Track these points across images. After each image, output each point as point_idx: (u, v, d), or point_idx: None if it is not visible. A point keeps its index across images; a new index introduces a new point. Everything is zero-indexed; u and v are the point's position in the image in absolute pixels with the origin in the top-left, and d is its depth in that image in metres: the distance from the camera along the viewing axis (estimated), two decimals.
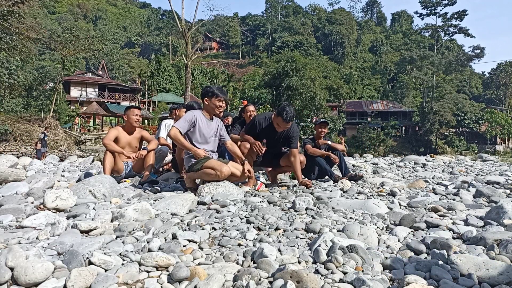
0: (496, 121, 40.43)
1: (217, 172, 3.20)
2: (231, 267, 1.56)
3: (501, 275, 1.38)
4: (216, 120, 3.60)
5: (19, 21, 20.52)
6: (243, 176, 3.51)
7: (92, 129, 31.72)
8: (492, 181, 4.29)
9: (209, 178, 3.29)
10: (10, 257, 1.44)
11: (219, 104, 3.46)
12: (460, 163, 7.38)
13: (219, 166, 3.21)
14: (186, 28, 20.61)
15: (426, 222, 2.22)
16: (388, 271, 1.52)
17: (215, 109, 3.47)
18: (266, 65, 44.39)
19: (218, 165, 3.22)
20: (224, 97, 3.49)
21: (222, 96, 3.46)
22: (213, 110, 3.49)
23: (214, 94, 3.44)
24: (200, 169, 3.30)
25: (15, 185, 3.52)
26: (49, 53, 51.85)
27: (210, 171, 3.22)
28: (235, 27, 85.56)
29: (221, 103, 3.48)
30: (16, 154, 16.50)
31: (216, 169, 3.21)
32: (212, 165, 3.24)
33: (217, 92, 3.44)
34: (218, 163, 3.26)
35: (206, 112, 3.51)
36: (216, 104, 3.44)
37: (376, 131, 40.17)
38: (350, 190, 3.60)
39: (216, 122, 3.58)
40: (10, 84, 19.15)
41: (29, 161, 7.05)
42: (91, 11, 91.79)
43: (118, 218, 2.32)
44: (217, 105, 3.45)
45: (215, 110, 3.48)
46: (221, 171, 3.20)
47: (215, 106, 3.45)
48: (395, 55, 69.89)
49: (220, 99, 3.45)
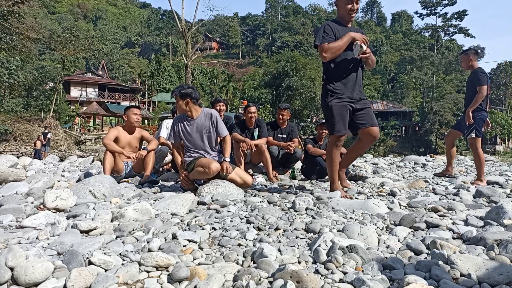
0: (496, 121, 40.39)
1: (206, 169, 3.24)
2: (231, 267, 1.56)
3: (501, 275, 1.38)
4: (202, 116, 3.50)
5: (19, 21, 20.55)
6: (246, 184, 3.49)
7: (92, 129, 31.73)
8: (492, 181, 4.29)
9: (201, 176, 3.34)
10: (10, 257, 1.44)
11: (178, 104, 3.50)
12: (460, 163, 7.38)
13: (207, 163, 3.26)
14: (186, 28, 20.62)
15: (426, 222, 2.22)
16: (388, 271, 1.52)
17: (180, 111, 3.54)
18: (266, 65, 44.36)
19: (206, 162, 3.28)
20: (176, 93, 3.48)
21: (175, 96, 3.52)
22: (180, 111, 3.53)
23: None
24: (192, 169, 3.36)
25: (15, 185, 3.52)
26: (49, 53, 51.81)
27: (200, 169, 3.29)
28: (235, 27, 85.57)
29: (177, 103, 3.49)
30: (16, 154, 16.50)
31: (204, 166, 3.26)
32: (201, 163, 3.30)
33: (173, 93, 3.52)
34: (206, 160, 3.31)
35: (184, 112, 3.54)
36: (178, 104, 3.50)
37: None
38: (350, 190, 3.59)
39: (201, 118, 3.49)
40: (10, 84, 19.16)
41: (29, 161, 7.06)
42: (91, 11, 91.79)
43: (118, 218, 2.32)
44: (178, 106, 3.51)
45: (180, 111, 3.54)
46: (209, 168, 3.23)
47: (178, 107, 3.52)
48: (395, 55, 69.90)
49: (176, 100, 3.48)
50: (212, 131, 3.51)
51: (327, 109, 3.12)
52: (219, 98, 5.47)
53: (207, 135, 3.51)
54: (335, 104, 3.07)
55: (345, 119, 3.09)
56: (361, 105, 3.18)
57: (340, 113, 3.07)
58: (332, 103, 3.08)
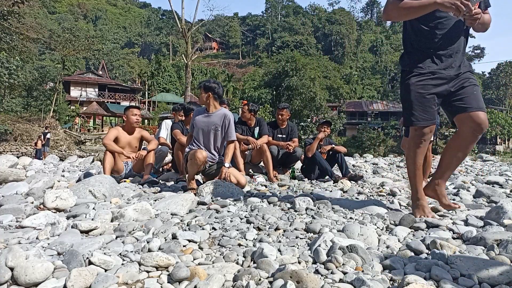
0: (496, 121, 40.38)
1: (194, 160, 3.26)
2: (231, 267, 1.56)
3: (501, 275, 1.38)
4: (218, 113, 3.56)
5: (19, 21, 20.55)
6: (240, 185, 3.49)
7: (92, 129, 31.73)
8: (492, 181, 4.30)
9: (193, 168, 3.34)
10: (10, 257, 1.44)
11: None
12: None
13: (194, 153, 3.28)
14: (186, 28, 20.62)
15: (426, 222, 2.22)
16: (388, 271, 1.52)
17: (200, 102, 3.64)
18: (266, 65, 44.39)
19: (193, 153, 3.30)
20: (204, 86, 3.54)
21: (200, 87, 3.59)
22: (201, 102, 3.63)
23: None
24: (187, 161, 3.40)
25: (15, 185, 3.52)
26: (49, 53, 51.83)
27: (190, 161, 3.32)
28: (235, 27, 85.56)
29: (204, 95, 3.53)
30: (16, 154, 16.49)
31: (191, 157, 3.29)
32: (190, 155, 3.33)
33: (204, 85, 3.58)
34: (194, 151, 3.34)
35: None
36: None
37: (376, 131, 40.14)
38: (350, 190, 3.60)
39: (216, 115, 3.55)
40: (10, 84, 19.16)
41: (29, 161, 7.06)
42: (91, 11, 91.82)
43: (118, 218, 2.32)
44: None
45: (200, 102, 3.64)
46: (195, 157, 3.25)
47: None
48: (395, 55, 69.81)
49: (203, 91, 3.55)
50: (220, 130, 3.53)
51: (404, 91, 2.37)
52: (224, 100, 5.29)
53: (213, 133, 3.53)
54: (413, 84, 2.30)
55: (428, 104, 2.28)
56: (460, 82, 2.31)
57: (421, 97, 2.28)
58: (411, 81, 2.32)
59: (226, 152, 3.54)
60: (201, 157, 3.26)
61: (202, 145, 3.52)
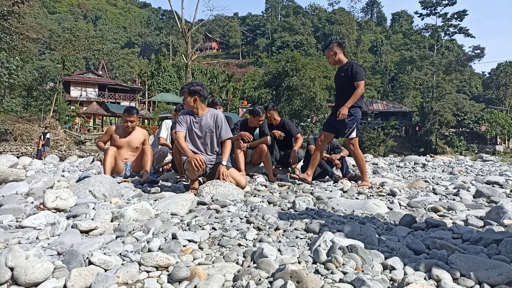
0: (496, 121, 40.40)
1: (191, 169, 3.21)
2: (231, 267, 1.56)
3: (501, 275, 1.38)
4: (208, 115, 3.49)
5: (19, 21, 20.55)
6: (239, 186, 3.45)
7: (92, 129, 31.72)
8: (492, 181, 4.30)
9: (193, 175, 3.30)
10: (10, 257, 1.44)
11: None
12: (460, 163, 7.38)
13: (189, 162, 3.23)
14: (186, 28, 20.63)
15: (426, 222, 2.22)
16: (388, 271, 1.52)
17: (186, 107, 3.56)
18: (266, 65, 44.42)
19: (188, 161, 3.26)
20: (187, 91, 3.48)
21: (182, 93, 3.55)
22: (187, 107, 3.55)
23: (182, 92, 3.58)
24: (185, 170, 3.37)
25: (15, 185, 3.52)
26: (49, 53, 51.79)
27: (187, 170, 3.30)
28: (235, 27, 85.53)
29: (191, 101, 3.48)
30: (16, 154, 16.48)
31: (187, 167, 3.25)
32: (187, 163, 3.28)
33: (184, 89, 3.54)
34: (189, 160, 3.28)
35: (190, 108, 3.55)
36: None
37: (376, 131, 40.15)
38: (350, 190, 3.60)
39: (207, 117, 3.48)
40: (10, 84, 19.15)
41: (29, 161, 7.05)
42: (91, 11, 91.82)
43: (118, 218, 2.32)
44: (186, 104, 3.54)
45: (187, 107, 3.56)
46: (191, 166, 3.19)
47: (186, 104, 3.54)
48: (395, 55, 69.89)
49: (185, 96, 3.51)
50: (215, 131, 3.49)
51: None
52: (216, 101, 5.12)
53: (210, 135, 3.48)
54: None
55: None
56: None
57: None
58: None
59: (223, 150, 3.50)
60: (194, 156, 3.23)
61: (197, 151, 3.44)
